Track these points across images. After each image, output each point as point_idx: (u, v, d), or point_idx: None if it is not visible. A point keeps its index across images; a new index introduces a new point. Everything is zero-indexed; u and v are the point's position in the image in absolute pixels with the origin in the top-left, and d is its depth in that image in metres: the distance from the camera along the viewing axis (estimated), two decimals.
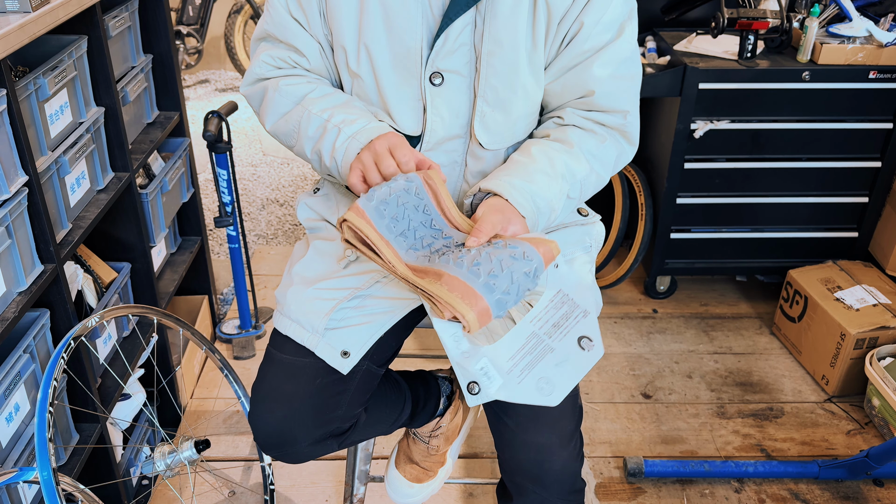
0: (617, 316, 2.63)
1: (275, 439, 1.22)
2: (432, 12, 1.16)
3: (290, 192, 3.49)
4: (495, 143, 1.23)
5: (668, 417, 2.20)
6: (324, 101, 1.22)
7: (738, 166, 2.39)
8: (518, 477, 1.25)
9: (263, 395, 1.23)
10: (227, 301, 2.68)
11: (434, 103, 1.20)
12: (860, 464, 1.89)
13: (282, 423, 1.20)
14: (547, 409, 1.20)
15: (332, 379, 1.22)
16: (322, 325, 1.20)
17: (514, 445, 1.23)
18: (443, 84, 1.19)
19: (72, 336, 1.36)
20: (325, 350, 1.21)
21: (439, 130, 1.22)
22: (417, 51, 1.17)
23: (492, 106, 1.20)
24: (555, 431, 1.21)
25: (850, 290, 2.31)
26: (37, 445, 1.20)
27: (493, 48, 1.16)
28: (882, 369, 2.07)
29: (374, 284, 1.24)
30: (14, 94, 1.30)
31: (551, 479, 1.22)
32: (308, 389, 1.20)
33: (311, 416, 1.21)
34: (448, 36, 1.15)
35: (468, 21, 1.15)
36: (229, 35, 4.82)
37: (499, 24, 1.15)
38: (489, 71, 1.18)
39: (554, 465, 1.21)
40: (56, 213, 1.51)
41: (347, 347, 1.20)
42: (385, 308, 1.23)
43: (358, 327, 1.22)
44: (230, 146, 2.14)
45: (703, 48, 2.35)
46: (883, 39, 2.20)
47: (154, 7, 2.02)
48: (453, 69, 1.18)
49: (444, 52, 1.17)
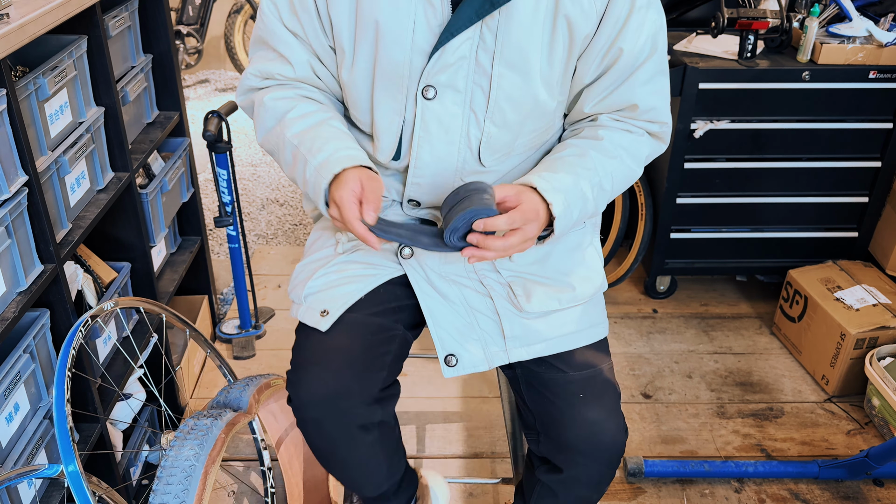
0: (617, 316, 2.63)
1: (329, 396, 1.19)
2: (428, 24, 1.13)
3: (290, 192, 3.49)
4: (496, 160, 1.23)
5: (668, 417, 2.20)
6: (299, 124, 1.20)
7: (738, 166, 2.39)
8: (567, 453, 1.26)
9: (311, 357, 1.22)
10: (226, 301, 2.69)
11: (424, 118, 1.18)
12: (860, 464, 1.89)
13: (336, 379, 1.19)
14: (593, 384, 1.25)
15: (379, 338, 1.25)
16: (302, 292, 1.27)
17: (563, 422, 1.25)
18: (435, 98, 1.16)
19: (89, 315, 1.40)
20: (306, 313, 1.26)
21: (425, 147, 1.20)
22: (405, 64, 1.15)
23: (499, 126, 1.19)
24: (603, 405, 1.24)
25: (850, 290, 2.31)
26: (59, 438, 1.20)
27: (504, 70, 1.14)
28: (882, 369, 2.07)
29: (354, 252, 1.30)
30: (14, 94, 1.30)
31: (602, 452, 1.25)
32: (360, 342, 1.23)
33: (365, 370, 1.22)
34: (446, 50, 1.12)
35: (470, 35, 1.12)
36: (229, 35, 4.82)
37: (512, 45, 1.13)
38: (500, 94, 1.16)
39: (605, 438, 1.24)
40: (56, 212, 1.51)
41: (326, 307, 1.24)
42: (368, 272, 1.28)
43: (337, 288, 1.26)
44: (230, 146, 2.14)
45: (703, 48, 2.35)
46: (883, 39, 2.20)
47: (154, 7, 2.01)
48: (448, 84, 1.15)
49: (439, 66, 1.14)
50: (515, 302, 1.26)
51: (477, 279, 1.28)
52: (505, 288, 1.27)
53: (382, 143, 1.23)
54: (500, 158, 1.23)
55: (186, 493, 1.28)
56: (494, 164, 1.23)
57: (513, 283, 1.27)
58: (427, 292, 1.26)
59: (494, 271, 1.28)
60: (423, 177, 1.23)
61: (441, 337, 1.25)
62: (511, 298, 1.26)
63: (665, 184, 2.42)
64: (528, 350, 1.26)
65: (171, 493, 1.29)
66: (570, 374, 1.26)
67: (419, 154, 1.21)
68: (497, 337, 1.26)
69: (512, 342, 1.25)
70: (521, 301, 1.25)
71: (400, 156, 1.23)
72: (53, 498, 1.45)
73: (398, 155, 1.23)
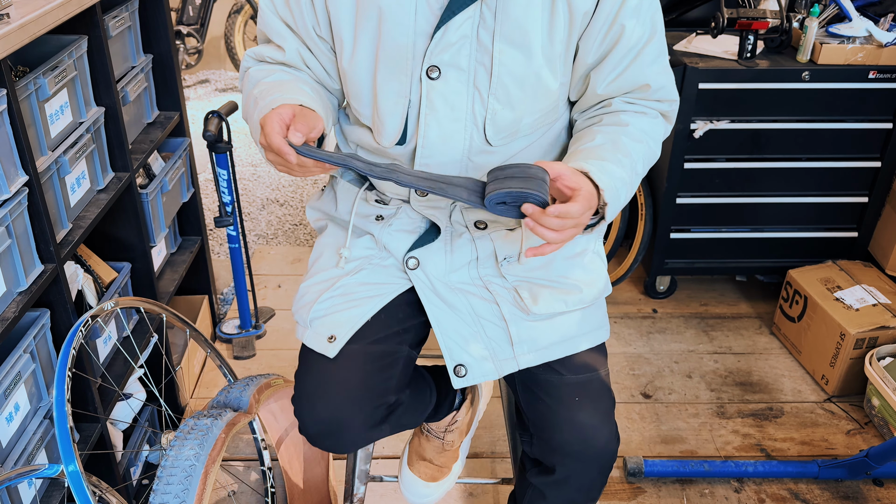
0: (617, 316, 2.63)
1: (330, 427, 1.23)
2: (429, 5, 1.14)
3: (290, 192, 3.49)
4: (503, 139, 1.23)
5: (667, 417, 2.20)
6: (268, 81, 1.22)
7: (738, 166, 2.39)
8: (559, 455, 1.27)
9: (314, 385, 1.24)
10: (227, 301, 2.69)
11: (430, 97, 1.18)
12: (860, 464, 1.89)
13: (337, 411, 1.22)
14: (588, 389, 1.25)
15: (381, 364, 1.26)
16: (308, 316, 1.27)
17: (557, 425, 1.25)
18: (439, 78, 1.17)
19: (89, 315, 1.40)
20: (312, 338, 1.26)
21: (433, 126, 1.20)
22: (408, 47, 1.16)
23: (503, 104, 1.19)
24: (598, 410, 1.25)
25: (850, 290, 2.31)
26: (59, 438, 1.20)
27: (504, 47, 1.15)
28: (882, 369, 2.07)
29: (359, 272, 1.30)
30: (14, 94, 1.30)
31: (593, 456, 1.25)
32: (360, 375, 1.23)
33: (366, 400, 1.23)
34: (448, 28, 1.14)
35: (471, 14, 1.13)
36: (229, 35, 4.82)
37: (511, 22, 1.14)
38: (501, 70, 1.16)
39: (598, 443, 1.24)
40: (56, 212, 1.51)
41: (333, 332, 1.25)
42: (372, 293, 1.28)
43: (343, 312, 1.26)
44: (230, 146, 2.14)
45: (703, 48, 2.35)
46: (883, 39, 2.20)
47: (154, 7, 2.02)
48: (451, 63, 1.16)
49: (442, 45, 1.15)
50: (522, 305, 1.26)
51: (483, 285, 1.28)
52: (511, 293, 1.27)
53: (387, 126, 1.23)
54: (507, 138, 1.23)
55: (186, 493, 1.29)
56: (501, 143, 1.23)
57: (519, 287, 1.27)
58: (434, 303, 1.27)
59: (500, 276, 1.29)
60: (431, 156, 1.23)
61: (449, 347, 1.26)
62: (517, 302, 1.27)
63: (665, 184, 2.42)
64: (537, 356, 1.26)
65: (171, 493, 1.29)
66: (567, 377, 1.26)
67: (426, 133, 1.21)
68: (504, 344, 1.26)
69: (519, 347, 1.26)
70: (528, 303, 1.26)
71: (406, 139, 1.23)
72: (53, 498, 1.45)
73: (403, 139, 1.23)
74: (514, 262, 1.29)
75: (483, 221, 1.29)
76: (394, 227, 1.30)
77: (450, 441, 1.60)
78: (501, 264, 1.28)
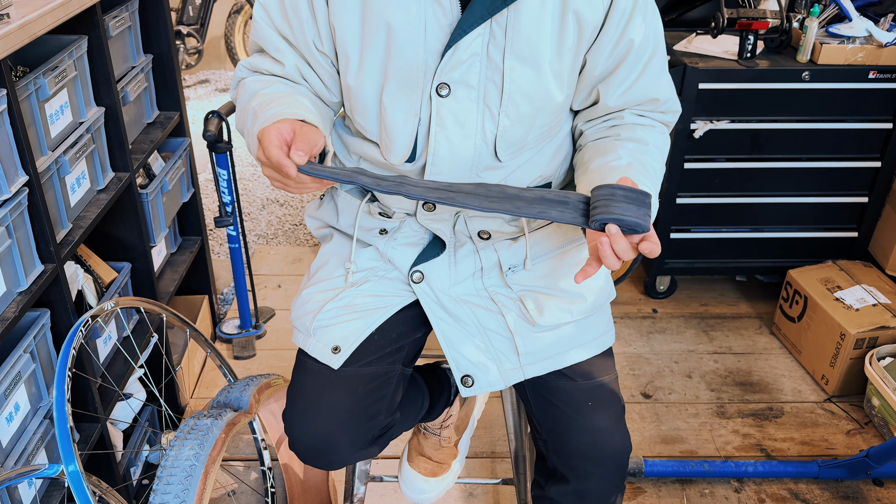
0: (617, 316, 2.63)
1: (318, 448, 1.25)
2: (438, 23, 1.13)
3: (289, 193, 3.49)
4: (511, 154, 1.23)
5: (667, 417, 2.20)
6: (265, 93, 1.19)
7: (738, 166, 2.39)
8: (575, 460, 1.27)
9: (304, 407, 1.25)
10: (227, 301, 2.69)
11: (440, 115, 1.17)
12: (860, 464, 1.89)
13: (326, 434, 1.23)
14: (600, 393, 1.26)
15: (373, 386, 1.26)
16: (311, 324, 1.27)
17: (571, 430, 1.26)
18: (449, 95, 1.16)
19: (89, 315, 1.40)
20: (316, 347, 1.26)
21: (443, 143, 1.20)
22: (419, 65, 1.15)
23: (513, 120, 1.19)
24: (610, 414, 1.26)
25: (850, 290, 2.31)
26: (59, 438, 1.20)
27: (515, 64, 1.15)
28: (882, 369, 2.07)
29: (364, 284, 1.30)
30: (14, 94, 1.30)
31: (609, 459, 1.26)
32: (350, 399, 1.24)
33: (355, 425, 1.24)
34: (459, 46, 1.13)
35: (481, 31, 1.13)
36: (229, 35, 4.82)
37: (522, 39, 1.13)
38: (512, 87, 1.16)
39: (612, 447, 1.25)
40: (56, 212, 1.51)
41: (338, 343, 1.25)
42: (377, 304, 1.28)
43: (348, 324, 1.26)
44: (230, 146, 2.14)
45: (703, 48, 2.35)
46: (883, 39, 2.20)
47: (154, 7, 2.02)
48: (462, 80, 1.15)
49: (452, 63, 1.14)
50: (528, 316, 1.26)
51: (488, 296, 1.28)
52: (516, 303, 1.27)
53: (396, 144, 1.21)
54: (514, 153, 1.23)
55: (187, 493, 1.29)
56: (509, 158, 1.23)
57: (524, 297, 1.27)
58: (440, 316, 1.27)
59: (505, 286, 1.29)
60: (440, 174, 1.22)
61: (456, 359, 1.26)
62: (523, 314, 1.27)
63: (665, 184, 2.42)
64: (543, 365, 1.26)
65: (171, 493, 1.29)
66: (578, 383, 1.27)
67: (436, 150, 1.20)
68: (511, 354, 1.26)
69: (526, 358, 1.26)
70: (534, 315, 1.26)
71: (415, 156, 1.23)
72: (53, 498, 1.45)
73: (413, 157, 1.23)
74: (520, 270, 1.28)
75: (486, 231, 1.28)
76: (398, 241, 1.30)
77: (446, 437, 1.60)
78: (506, 274, 1.28)
